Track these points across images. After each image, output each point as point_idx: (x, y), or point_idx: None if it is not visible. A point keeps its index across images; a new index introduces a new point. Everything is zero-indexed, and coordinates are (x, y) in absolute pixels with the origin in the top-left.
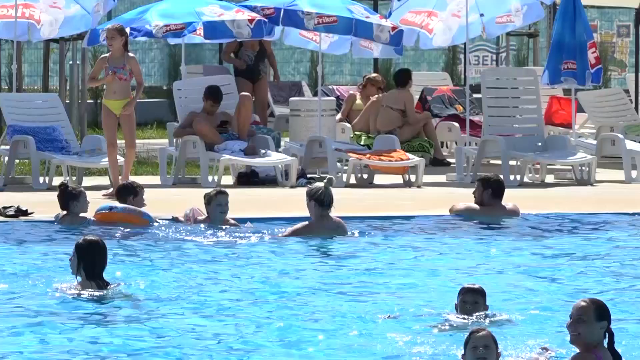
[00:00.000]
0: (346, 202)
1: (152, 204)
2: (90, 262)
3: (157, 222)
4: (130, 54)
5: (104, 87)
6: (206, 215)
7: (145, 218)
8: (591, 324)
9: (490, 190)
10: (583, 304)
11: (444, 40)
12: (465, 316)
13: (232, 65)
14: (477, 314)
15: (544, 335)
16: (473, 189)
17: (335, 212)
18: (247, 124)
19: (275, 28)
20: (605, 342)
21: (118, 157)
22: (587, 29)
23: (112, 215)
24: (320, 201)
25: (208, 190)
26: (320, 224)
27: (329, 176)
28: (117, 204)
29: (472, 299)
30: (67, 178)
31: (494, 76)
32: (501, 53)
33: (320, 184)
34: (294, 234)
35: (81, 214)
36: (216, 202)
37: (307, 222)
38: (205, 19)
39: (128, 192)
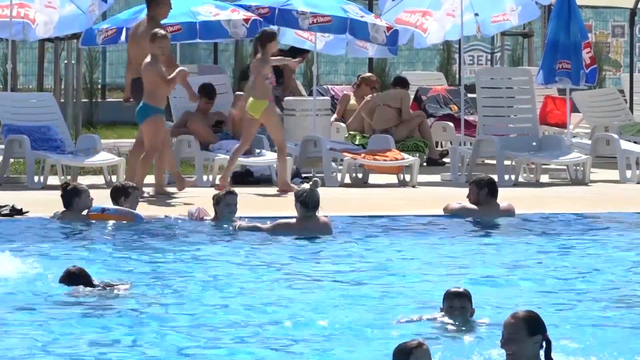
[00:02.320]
0: (341, 202)
1: (147, 203)
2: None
3: (148, 222)
4: None
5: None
6: (214, 215)
7: (138, 220)
8: (524, 341)
9: (486, 189)
10: (512, 321)
11: (437, 38)
12: (453, 321)
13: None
14: (464, 317)
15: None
16: (467, 193)
17: (332, 212)
18: (242, 124)
19: (270, 28)
20: (542, 352)
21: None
22: (582, 29)
23: (104, 216)
24: (305, 203)
25: (203, 189)
26: (304, 224)
27: (314, 178)
28: (109, 205)
29: (459, 304)
30: (62, 177)
31: (488, 76)
32: (496, 53)
33: (307, 186)
34: (275, 227)
35: (84, 212)
36: (225, 202)
37: (292, 220)
38: (201, 19)
39: (120, 194)
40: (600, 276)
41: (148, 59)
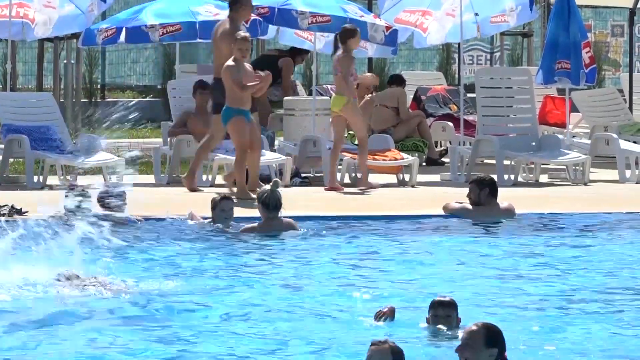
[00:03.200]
0: (340, 202)
1: (145, 203)
2: None
3: (139, 221)
4: None
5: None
6: (210, 218)
7: (130, 224)
8: (479, 350)
9: (487, 189)
10: (473, 328)
11: (437, 39)
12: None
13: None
14: (448, 327)
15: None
16: (467, 193)
17: (331, 212)
18: None
19: (270, 27)
20: None
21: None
22: (582, 29)
23: None
24: (266, 204)
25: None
26: (268, 226)
27: (275, 179)
28: (97, 211)
29: (444, 313)
30: (62, 177)
31: (488, 76)
32: (495, 53)
33: (268, 187)
34: (244, 231)
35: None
36: (220, 208)
37: (255, 224)
38: (201, 19)
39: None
40: (600, 276)
41: (229, 61)
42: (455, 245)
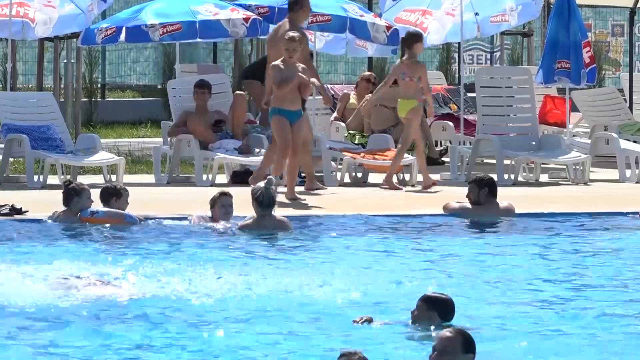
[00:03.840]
0: (340, 201)
1: (146, 202)
2: None
3: (141, 221)
4: None
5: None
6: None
7: (128, 220)
8: (457, 356)
9: (487, 189)
10: (449, 334)
11: (437, 39)
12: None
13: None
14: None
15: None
16: (467, 193)
17: (332, 212)
18: (242, 123)
19: (270, 27)
20: None
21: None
22: (582, 28)
23: (95, 220)
24: (260, 202)
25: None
26: (261, 223)
27: (269, 177)
28: (99, 208)
29: (419, 305)
30: (62, 177)
31: (488, 75)
32: (495, 52)
33: (262, 184)
34: (240, 228)
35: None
36: (220, 204)
37: (249, 221)
38: (201, 18)
39: (111, 195)
40: (600, 276)
41: (276, 61)
42: (455, 245)
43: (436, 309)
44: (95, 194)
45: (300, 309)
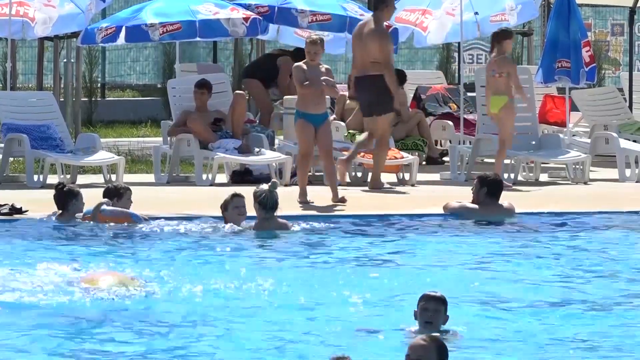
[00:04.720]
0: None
1: (145, 202)
2: None
3: (145, 219)
4: None
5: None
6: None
7: (134, 219)
8: None
9: (486, 188)
10: (423, 343)
11: (438, 38)
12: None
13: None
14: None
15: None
16: (467, 192)
17: (331, 212)
18: (241, 123)
19: (270, 26)
20: None
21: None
22: (582, 28)
23: (102, 217)
24: (263, 204)
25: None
26: (263, 226)
27: (273, 180)
28: (103, 206)
29: (433, 307)
30: (62, 176)
31: None
32: None
33: (266, 187)
34: (242, 231)
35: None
36: (233, 205)
37: (251, 224)
38: (201, 17)
39: (112, 195)
40: (599, 275)
41: (298, 62)
42: (454, 245)
43: (445, 305)
44: (95, 193)
45: (300, 313)
